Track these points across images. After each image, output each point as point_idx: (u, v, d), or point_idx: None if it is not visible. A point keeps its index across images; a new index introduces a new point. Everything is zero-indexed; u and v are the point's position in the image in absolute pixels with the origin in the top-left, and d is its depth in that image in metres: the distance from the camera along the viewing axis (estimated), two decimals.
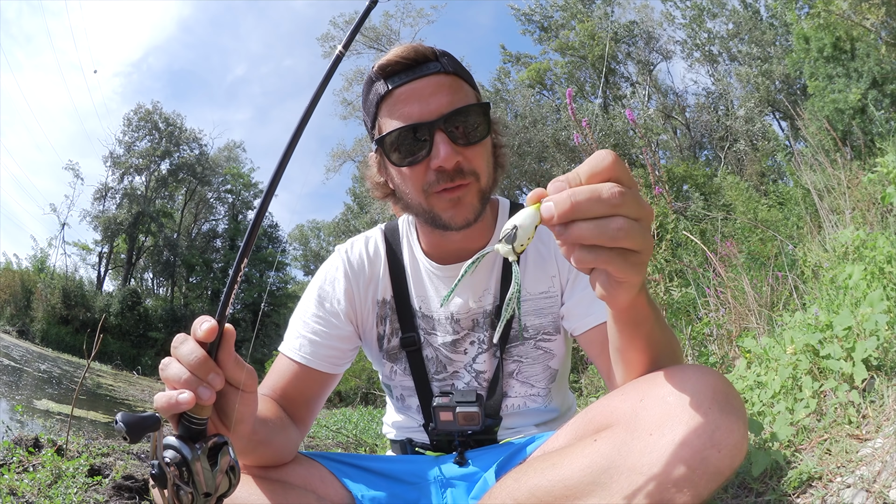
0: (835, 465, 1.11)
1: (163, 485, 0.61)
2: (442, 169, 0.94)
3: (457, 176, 0.95)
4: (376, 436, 4.52)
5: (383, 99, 0.99)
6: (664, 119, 17.55)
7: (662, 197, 2.95)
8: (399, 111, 0.96)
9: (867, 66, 7.13)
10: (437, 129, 0.93)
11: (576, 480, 0.70)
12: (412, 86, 0.96)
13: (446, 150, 0.93)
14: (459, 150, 0.95)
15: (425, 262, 1.13)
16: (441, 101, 0.95)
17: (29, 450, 2.16)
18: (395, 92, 0.97)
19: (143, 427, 0.62)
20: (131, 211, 27.06)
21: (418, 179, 0.97)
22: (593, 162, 0.55)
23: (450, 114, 0.94)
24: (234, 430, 0.69)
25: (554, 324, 1.12)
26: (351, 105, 18.55)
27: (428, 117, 0.94)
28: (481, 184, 0.99)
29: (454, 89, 0.97)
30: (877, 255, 1.75)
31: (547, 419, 1.16)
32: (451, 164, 0.94)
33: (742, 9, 16.65)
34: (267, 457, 0.93)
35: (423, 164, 0.96)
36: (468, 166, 0.96)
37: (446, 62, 1.00)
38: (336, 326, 1.11)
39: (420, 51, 0.98)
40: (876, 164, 2.34)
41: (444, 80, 0.97)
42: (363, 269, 1.14)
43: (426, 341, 1.14)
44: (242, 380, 0.67)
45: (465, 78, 1.02)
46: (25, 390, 7.10)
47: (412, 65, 0.98)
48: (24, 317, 19.84)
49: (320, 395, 1.09)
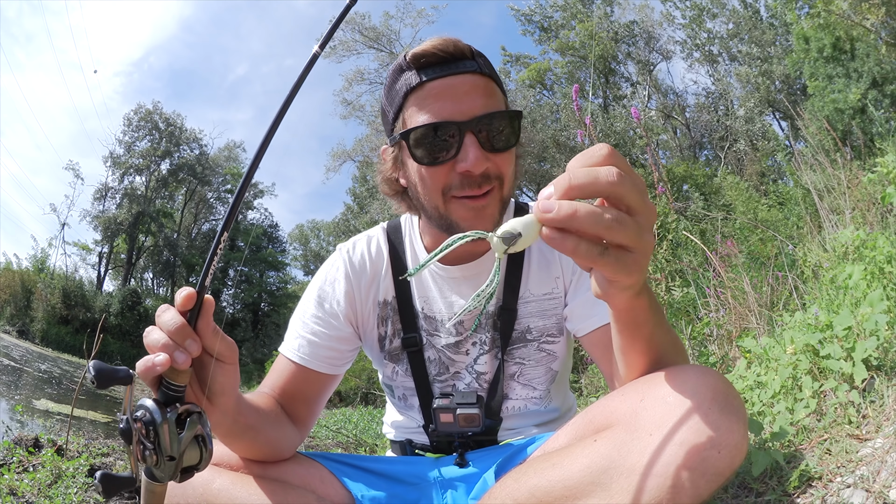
0: (835, 465, 1.11)
1: (128, 440, 0.63)
2: (469, 174, 0.90)
3: (483, 182, 0.92)
4: (376, 436, 4.52)
5: (413, 90, 0.94)
6: (664, 119, 17.55)
7: (664, 196, 2.95)
8: (430, 106, 0.91)
9: (867, 66, 7.13)
10: (469, 130, 0.90)
11: (575, 480, 0.70)
12: (447, 81, 0.91)
13: (475, 153, 0.89)
14: (488, 156, 0.91)
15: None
16: (475, 102, 0.91)
17: (29, 450, 2.16)
18: (428, 85, 0.92)
19: (112, 377, 0.65)
20: (131, 211, 27.06)
21: (440, 180, 0.93)
22: (588, 153, 0.53)
23: (483, 116, 0.90)
24: (212, 400, 0.71)
25: (557, 325, 1.12)
26: (351, 105, 18.57)
27: (460, 117, 0.90)
28: (504, 191, 0.96)
29: (488, 92, 0.94)
30: (877, 255, 1.75)
31: (547, 420, 1.16)
32: (480, 170, 0.90)
33: (742, 9, 16.66)
34: (258, 447, 0.93)
35: (448, 166, 0.92)
36: (495, 172, 0.93)
37: (483, 63, 0.96)
38: (335, 328, 1.10)
39: (459, 46, 0.93)
40: (876, 164, 2.34)
41: (479, 80, 0.94)
42: (365, 270, 1.13)
43: (428, 342, 1.14)
44: (218, 349, 0.68)
45: (498, 83, 0.99)
46: (25, 390, 7.10)
47: (449, 59, 0.92)
48: (24, 317, 19.83)
49: (320, 395, 1.09)
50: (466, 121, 0.90)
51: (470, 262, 1.10)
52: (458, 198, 0.93)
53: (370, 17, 18.46)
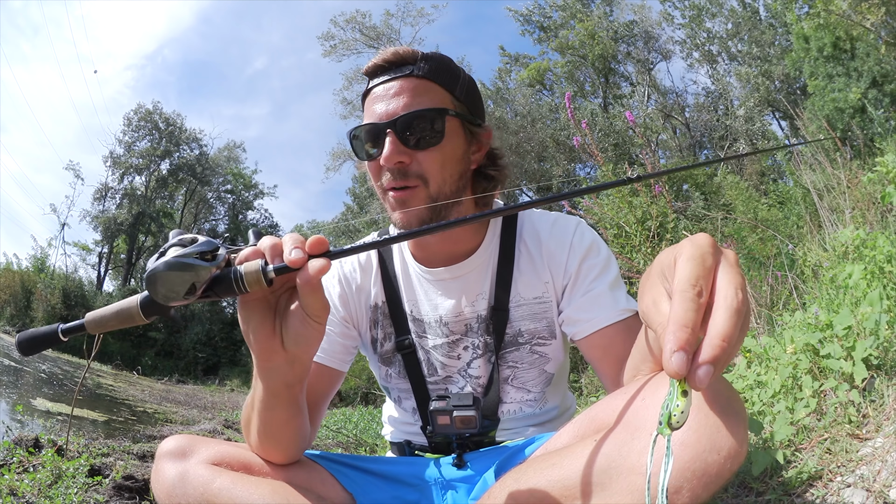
0: (835, 465, 1.11)
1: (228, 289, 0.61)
2: (384, 167, 0.99)
3: (400, 177, 0.98)
4: (376, 436, 4.52)
5: (365, 96, 1.05)
6: (664, 118, 17.55)
7: (662, 196, 2.95)
8: (369, 109, 1.02)
9: (867, 66, 7.14)
10: (389, 129, 0.97)
11: (575, 480, 0.70)
12: (384, 86, 1.01)
13: (389, 149, 0.96)
14: (409, 153, 0.98)
15: (414, 265, 1.14)
16: (399, 103, 0.98)
17: (29, 450, 2.16)
18: (372, 91, 1.03)
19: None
20: (131, 211, 27.04)
21: (375, 176, 1.03)
22: (697, 269, 0.49)
23: (402, 116, 0.97)
24: (285, 345, 0.68)
25: (549, 328, 1.11)
26: (351, 104, 18.54)
27: (384, 118, 0.98)
28: (430, 189, 0.99)
29: (418, 92, 0.99)
30: (877, 254, 1.75)
31: (545, 420, 1.16)
32: (392, 163, 0.97)
33: (741, 8, 16.65)
34: (289, 434, 0.90)
35: (377, 162, 1.00)
36: (416, 170, 0.98)
37: (424, 66, 1.01)
38: (338, 324, 1.13)
39: (400, 53, 1.01)
40: (875, 163, 2.34)
41: (412, 83, 1.00)
42: (355, 277, 1.17)
43: (418, 344, 1.15)
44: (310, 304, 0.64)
45: (443, 83, 1.02)
46: (25, 390, 7.10)
47: (389, 67, 1.02)
48: (24, 317, 19.81)
49: (327, 393, 1.10)
50: (386, 122, 0.98)
51: (455, 264, 1.10)
52: (387, 190, 1.01)
53: (371, 16, 18.52)
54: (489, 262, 1.10)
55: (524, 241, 1.11)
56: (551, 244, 1.08)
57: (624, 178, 0.85)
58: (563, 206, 3.47)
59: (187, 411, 7.36)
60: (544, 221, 1.12)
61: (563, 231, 1.09)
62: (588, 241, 1.07)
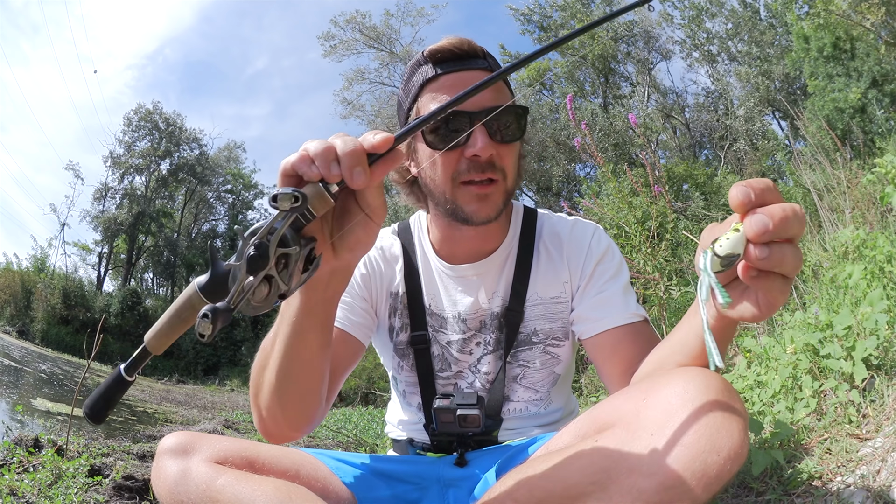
0: (835, 465, 1.11)
1: (259, 266, 0.54)
2: (476, 158, 0.97)
3: (488, 169, 0.97)
4: (376, 436, 4.53)
5: (429, 82, 1.01)
6: (664, 118, 17.55)
7: (662, 196, 2.95)
8: (443, 96, 0.99)
9: (867, 66, 7.14)
10: (479, 119, 0.96)
11: (575, 480, 0.70)
12: (460, 75, 1.00)
13: (484, 140, 0.95)
14: (495, 146, 0.97)
15: (436, 261, 1.14)
16: (485, 95, 0.97)
17: (29, 450, 2.17)
18: (442, 77, 1.00)
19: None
20: (131, 211, 27.04)
21: (450, 166, 0.99)
22: (763, 181, 0.54)
23: (493, 108, 0.96)
24: (337, 252, 0.65)
25: (563, 329, 1.12)
26: (351, 105, 18.57)
27: (471, 107, 0.96)
28: (507, 184, 1.01)
29: (497, 88, 1.01)
30: (877, 254, 1.75)
31: (549, 421, 1.16)
32: (487, 155, 0.96)
33: (741, 8, 16.64)
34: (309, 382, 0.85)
35: (458, 152, 0.98)
36: (500, 163, 0.99)
37: (493, 63, 1.04)
38: (361, 298, 1.13)
39: (472, 46, 1.01)
40: (875, 163, 2.34)
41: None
42: (379, 263, 1.16)
43: (434, 338, 1.15)
44: (373, 202, 0.62)
45: (506, 82, 1.06)
46: (25, 390, 7.10)
47: (462, 56, 1.01)
48: (24, 317, 19.81)
49: (346, 365, 1.06)
50: (477, 111, 0.96)
51: (478, 261, 1.11)
52: (464, 184, 0.99)
53: (371, 17, 18.52)
54: (507, 261, 1.12)
55: (544, 241, 1.13)
56: (571, 245, 1.11)
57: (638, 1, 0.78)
58: (563, 206, 3.48)
59: (187, 411, 7.36)
60: (564, 224, 1.15)
61: (583, 233, 1.12)
62: (604, 246, 1.11)
